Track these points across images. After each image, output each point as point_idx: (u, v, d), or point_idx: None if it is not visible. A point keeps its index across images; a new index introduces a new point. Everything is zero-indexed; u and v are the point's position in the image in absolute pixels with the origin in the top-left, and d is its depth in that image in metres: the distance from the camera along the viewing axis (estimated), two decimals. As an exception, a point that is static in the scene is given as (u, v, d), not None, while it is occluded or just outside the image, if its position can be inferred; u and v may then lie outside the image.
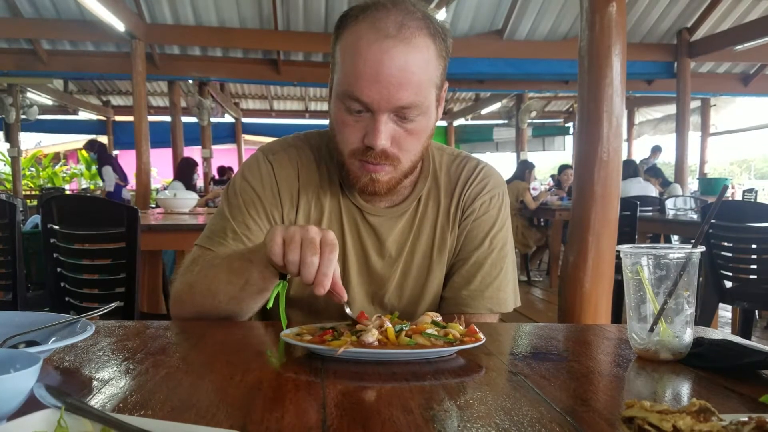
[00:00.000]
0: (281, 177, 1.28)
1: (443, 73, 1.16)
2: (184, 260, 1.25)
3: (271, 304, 1.03)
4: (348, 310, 1.03)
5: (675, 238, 5.77)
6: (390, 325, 0.94)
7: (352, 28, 1.10)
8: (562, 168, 9.48)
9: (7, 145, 11.42)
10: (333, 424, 0.65)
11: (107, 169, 10.13)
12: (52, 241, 2.50)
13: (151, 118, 8.67)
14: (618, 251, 0.96)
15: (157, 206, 5.73)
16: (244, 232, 1.23)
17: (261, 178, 1.28)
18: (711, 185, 8.65)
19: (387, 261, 1.29)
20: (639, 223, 4.17)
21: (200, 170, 8.99)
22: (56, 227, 2.49)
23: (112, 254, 2.51)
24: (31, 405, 0.60)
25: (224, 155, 15.73)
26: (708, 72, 10.32)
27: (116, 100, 14.36)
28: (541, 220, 7.85)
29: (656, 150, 11.23)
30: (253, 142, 15.38)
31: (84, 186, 17.67)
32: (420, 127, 1.14)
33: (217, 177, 10.63)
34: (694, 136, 10.42)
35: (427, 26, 1.10)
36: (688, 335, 0.92)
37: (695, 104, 11.22)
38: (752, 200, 8.92)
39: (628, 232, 3.95)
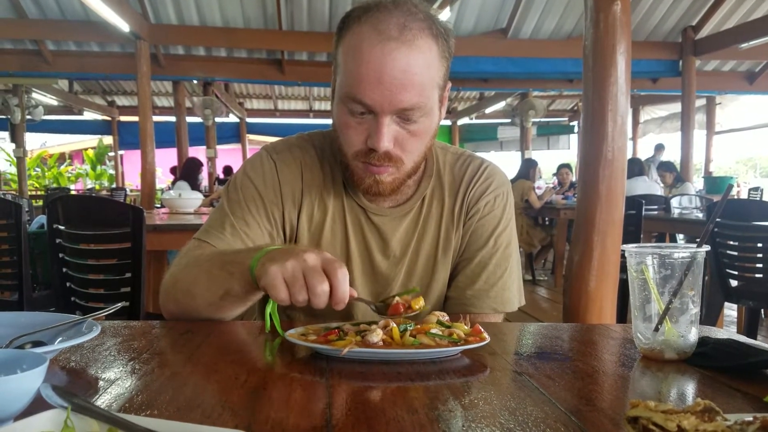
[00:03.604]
0: (284, 176, 1.28)
1: (446, 73, 1.16)
2: (179, 251, 1.24)
3: (269, 328, 1.02)
4: (370, 306, 1.04)
5: (680, 237, 5.76)
6: (395, 325, 0.94)
7: (354, 30, 1.10)
8: (560, 167, 9.53)
9: (13, 146, 11.45)
10: (338, 424, 0.65)
11: None
12: (57, 241, 2.51)
13: (156, 118, 8.68)
14: (623, 250, 0.96)
15: (162, 206, 5.75)
16: (243, 228, 1.23)
17: (264, 175, 1.27)
18: (716, 184, 8.61)
19: (391, 261, 1.29)
20: (644, 222, 4.15)
21: (205, 170, 9.00)
22: (62, 227, 2.50)
23: (117, 254, 2.51)
24: (37, 405, 0.60)
25: (228, 155, 15.77)
26: (713, 70, 10.28)
27: (121, 101, 14.40)
28: (546, 219, 7.84)
29: (660, 148, 11.26)
30: (258, 142, 15.40)
31: (89, 186, 17.74)
32: (423, 128, 1.14)
33: (222, 177, 10.65)
34: (699, 135, 10.38)
35: (429, 27, 1.10)
36: (693, 335, 0.92)
37: (700, 102, 11.18)
38: (758, 199, 8.89)
39: (633, 231, 3.93)
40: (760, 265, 3.42)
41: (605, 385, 0.83)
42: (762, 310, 4.40)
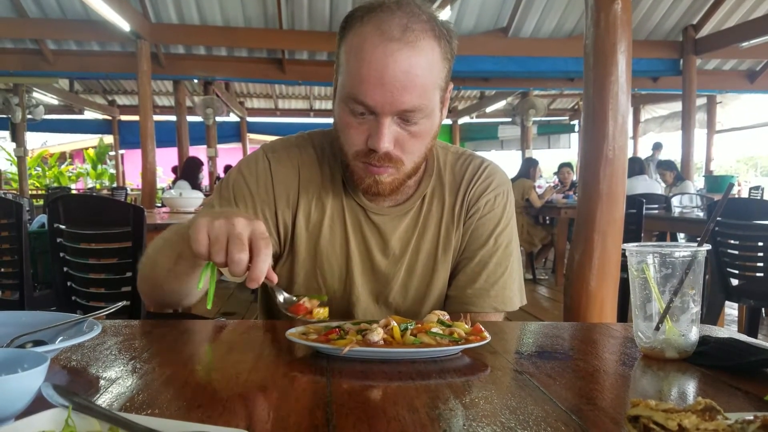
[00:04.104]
0: (278, 176, 1.27)
1: (448, 74, 1.16)
2: None
3: (200, 286, 1.01)
4: (279, 296, 1.02)
5: (681, 235, 5.75)
6: (395, 324, 0.94)
7: (356, 30, 1.10)
8: (561, 166, 9.53)
9: (14, 145, 11.47)
10: (338, 423, 0.65)
11: None
12: (58, 240, 2.51)
13: (157, 118, 8.68)
14: (624, 249, 0.96)
15: (163, 205, 5.76)
16: None
17: (257, 174, 1.27)
18: (717, 183, 8.61)
19: (391, 260, 1.28)
20: (645, 221, 4.15)
21: (205, 169, 9.01)
22: (62, 227, 2.50)
23: (118, 253, 2.51)
24: (38, 404, 0.61)
25: (229, 154, 15.78)
26: (714, 69, 10.28)
27: (122, 100, 14.41)
28: (547, 218, 7.83)
29: (658, 146, 11.31)
30: (258, 141, 15.41)
31: (90, 185, 17.75)
32: (424, 129, 1.14)
33: (222, 176, 10.61)
34: (699, 134, 10.38)
35: (432, 28, 1.09)
36: (693, 334, 0.92)
37: (701, 101, 11.18)
38: (758, 198, 8.88)
39: (633, 230, 3.93)
40: (761, 264, 3.42)
41: (606, 384, 0.83)
42: (763, 309, 4.39)
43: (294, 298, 1.02)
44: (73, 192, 12.91)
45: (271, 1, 7.94)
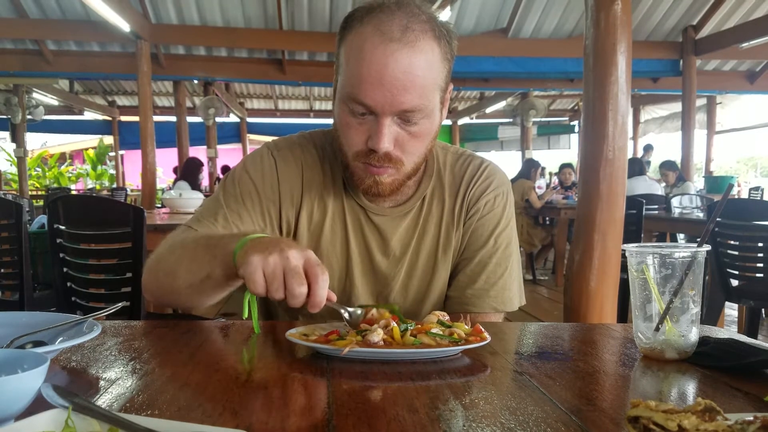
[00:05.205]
0: (284, 174, 1.27)
1: (448, 75, 1.16)
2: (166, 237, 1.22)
3: (246, 315, 1.01)
4: (345, 313, 1.00)
5: (681, 236, 5.75)
6: (395, 325, 0.94)
7: (356, 31, 1.10)
8: (562, 167, 9.55)
9: (13, 146, 11.48)
10: (338, 424, 0.65)
11: None
12: (58, 241, 2.51)
13: (157, 118, 8.68)
14: (623, 250, 0.96)
15: (163, 206, 5.76)
16: (235, 221, 1.22)
17: (263, 171, 1.27)
18: (717, 183, 8.60)
19: (391, 260, 1.29)
20: (645, 221, 4.15)
21: (205, 170, 9.01)
22: (62, 227, 2.50)
23: (118, 254, 2.51)
24: (38, 405, 0.61)
25: (229, 155, 15.78)
26: (714, 70, 10.29)
27: (122, 100, 14.41)
28: (547, 218, 7.84)
29: (649, 148, 11.42)
30: (258, 142, 15.39)
31: (90, 186, 17.75)
32: (424, 130, 1.14)
33: (221, 176, 10.64)
34: (699, 134, 10.39)
35: (432, 29, 1.09)
36: (693, 334, 0.92)
37: (701, 102, 11.19)
38: (758, 198, 8.88)
39: (633, 231, 3.93)
40: (761, 265, 3.42)
41: (606, 385, 0.83)
42: (763, 310, 4.39)
43: (359, 311, 1.01)
44: (73, 193, 12.91)
45: (271, 2, 7.94)
